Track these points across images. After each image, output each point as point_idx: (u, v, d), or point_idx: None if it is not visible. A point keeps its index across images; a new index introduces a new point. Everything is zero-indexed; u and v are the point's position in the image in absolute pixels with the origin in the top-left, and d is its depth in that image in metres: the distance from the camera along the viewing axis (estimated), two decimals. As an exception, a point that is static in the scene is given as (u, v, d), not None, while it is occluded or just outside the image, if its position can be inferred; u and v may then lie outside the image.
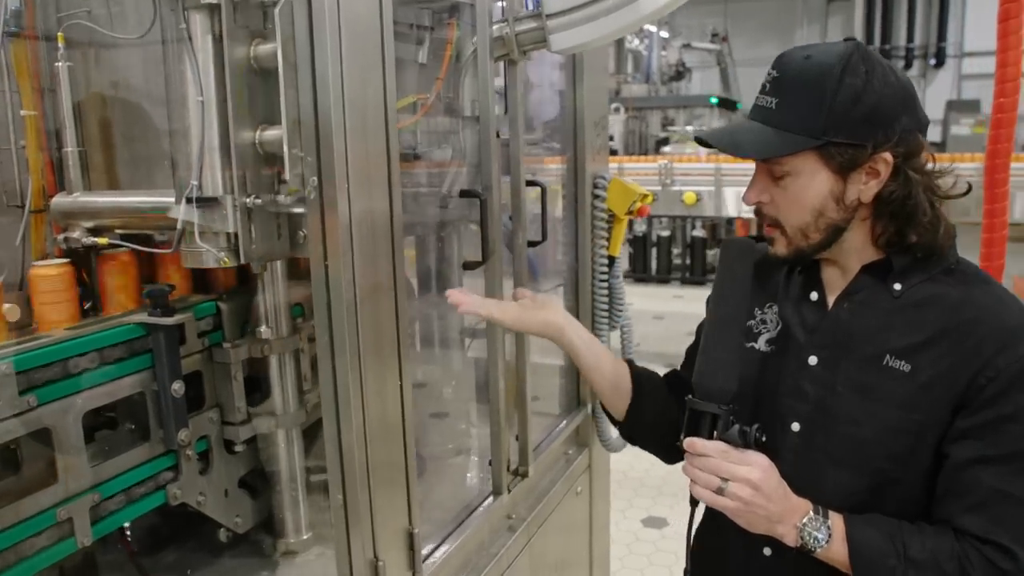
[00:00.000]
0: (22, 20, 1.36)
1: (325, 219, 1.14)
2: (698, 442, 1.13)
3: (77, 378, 1.26)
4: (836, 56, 1.16)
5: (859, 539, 1.14)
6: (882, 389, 1.18)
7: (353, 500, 1.22)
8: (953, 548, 1.12)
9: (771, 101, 1.18)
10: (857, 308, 1.24)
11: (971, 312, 1.17)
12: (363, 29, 1.16)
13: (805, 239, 1.22)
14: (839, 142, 1.15)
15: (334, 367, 1.18)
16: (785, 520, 1.14)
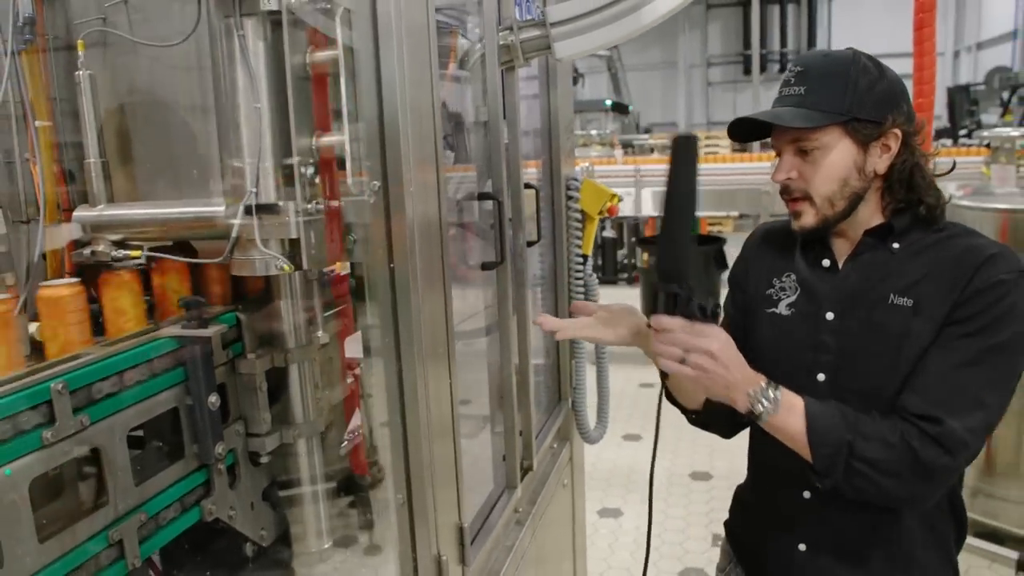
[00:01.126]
0: (34, 28, 1.30)
1: (391, 222, 1.16)
2: (663, 319, 1.27)
3: (123, 395, 1.23)
4: (848, 56, 1.39)
5: (815, 412, 1.31)
6: (892, 323, 1.35)
7: (420, 498, 1.24)
8: (896, 424, 1.30)
9: (800, 89, 1.38)
10: (863, 267, 1.42)
11: (958, 249, 1.36)
12: (419, 36, 1.19)
13: (831, 207, 1.39)
14: (862, 118, 1.34)
15: (400, 369, 1.20)
16: (739, 388, 1.30)
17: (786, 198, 1.44)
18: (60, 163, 1.38)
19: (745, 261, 1.65)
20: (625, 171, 6.05)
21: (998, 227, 3.48)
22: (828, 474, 1.30)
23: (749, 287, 1.59)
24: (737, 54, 20.75)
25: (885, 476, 1.29)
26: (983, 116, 11.99)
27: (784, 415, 1.31)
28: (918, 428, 1.28)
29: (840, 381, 1.40)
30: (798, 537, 1.47)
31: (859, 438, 1.29)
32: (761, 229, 1.69)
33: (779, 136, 1.41)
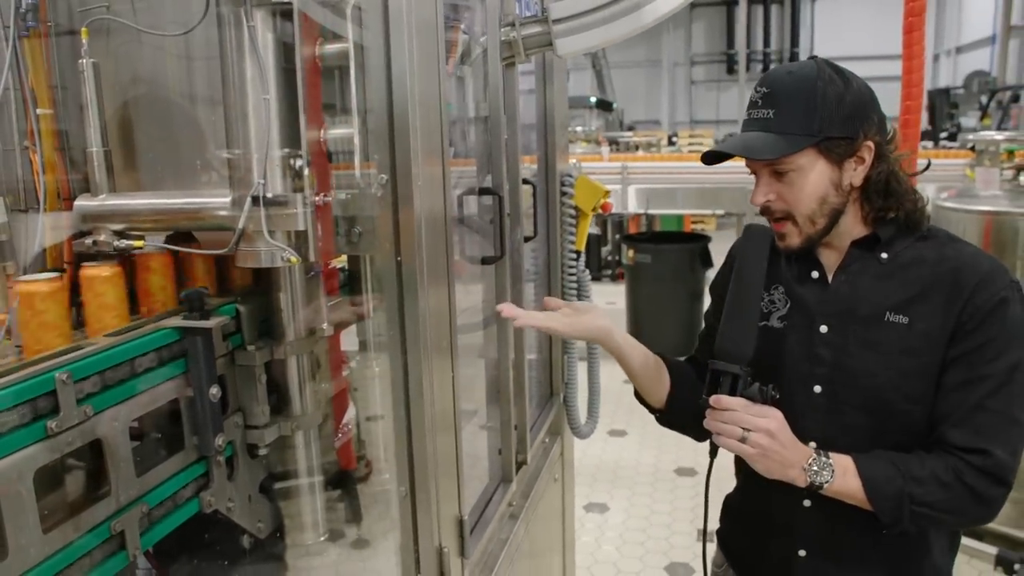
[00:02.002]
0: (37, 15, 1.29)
1: (400, 215, 1.16)
2: (723, 398, 1.32)
3: (125, 386, 1.22)
4: (812, 69, 1.38)
5: (868, 469, 1.34)
6: (888, 341, 1.38)
7: (423, 490, 1.25)
8: (947, 462, 1.33)
9: (768, 112, 1.38)
10: (853, 278, 1.44)
11: (951, 264, 1.38)
12: (428, 31, 1.19)
13: (813, 225, 1.41)
14: (833, 136, 1.35)
15: (405, 361, 1.21)
16: (795, 464, 1.33)
17: (768, 218, 1.45)
18: (61, 151, 1.37)
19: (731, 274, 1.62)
20: (612, 168, 6.10)
21: (982, 229, 3.53)
22: (896, 524, 1.34)
23: None
24: (720, 53, 20.86)
25: (946, 513, 1.35)
26: (962, 119, 12.16)
27: (840, 480, 1.34)
28: (967, 463, 1.32)
29: (838, 394, 1.42)
30: (798, 544, 1.49)
31: (914, 484, 1.32)
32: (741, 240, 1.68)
33: (752, 160, 1.42)
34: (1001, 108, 11.58)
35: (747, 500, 1.56)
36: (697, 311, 6.59)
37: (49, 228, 1.34)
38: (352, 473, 1.74)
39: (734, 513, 1.62)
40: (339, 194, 1.25)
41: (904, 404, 1.38)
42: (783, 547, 1.51)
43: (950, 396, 1.35)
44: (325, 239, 1.25)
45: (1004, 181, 3.67)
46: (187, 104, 1.32)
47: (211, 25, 1.26)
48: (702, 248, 6.65)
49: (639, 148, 10.34)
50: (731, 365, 1.34)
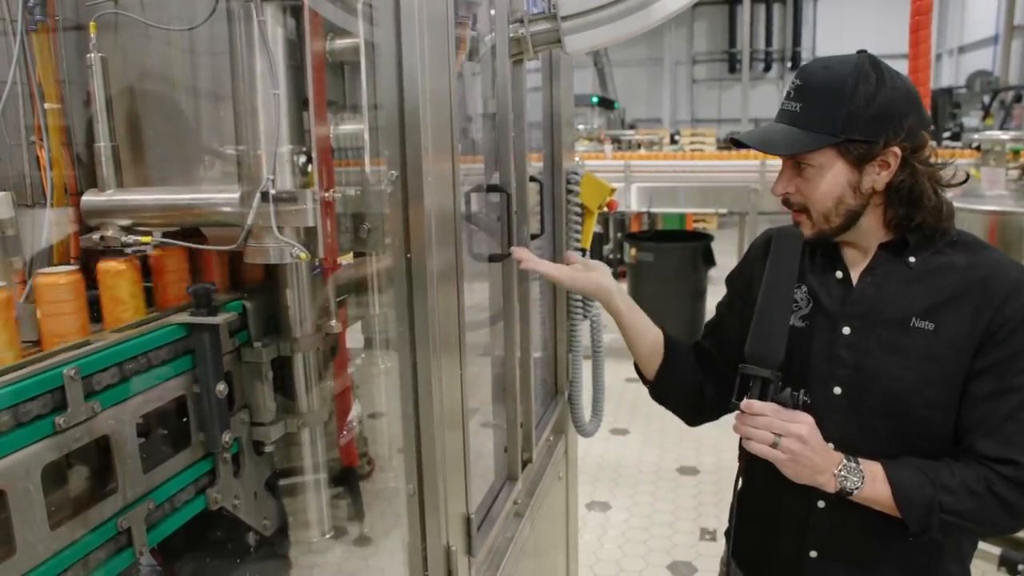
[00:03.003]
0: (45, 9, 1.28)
1: (410, 212, 1.16)
2: (755, 403, 1.30)
3: (132, 382, 1.22)
4: (851, 66, 1.34)
5: (898, 476, 1.33)
6: (913, 348, 1.36)
7: (431, 488, 1.25)
8: (978, 472, 1.32)
9: (796, 106, 1.36)
10: (880, 281, 1.42)
11: (980, 272, 1.37)
12: (439, 27, 1.19)
13: (827, 223, 1.40)
14: (855, 139, 1.32)
15: (415, 358, 1.20)
16: (825, 470, 1.31)
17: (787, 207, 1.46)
18: (68, 147, 1.37)
19: (751, 270, 1.63)
20: (615, 166, 6.10)
21: (987, 228, 3.53)
22: (924, 532, 1.33)
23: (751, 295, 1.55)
24: (722, 52, 20.84)
25: (975, 523, 1.35)
26: (965, 119, 12.14)
27: (870, 487, 1.33)
28: (997, 473, 1.31)
29: (859, 397, 1.40)
30: (810, 544, 1.47)
31: (944, 493, 1.31)
32: (763, 237, 1.67)
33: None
34: (1003, 108, 11.57)
35: (757, 500, 1.54)
36: (699, 309, 6.58)
37: (55, 224, 1.34)
38: (356, 470, 1.73)
39: (743, 512, 1.61)
40: (349, 190, 1.25)
41: (925, 410, 1.36)
42: (794, 547, 1.49)
43: (980, 406, 1.34)
44: (333, 235, 1.24)
45: (1009, 181, 3.66)
46: (195, 99, 1.31)
47: (219, 20, 1.26)
48: (704, 247, 6.64)
49: (641, 146, 10.32)
50: (762, 369, 1.32)
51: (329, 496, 1.64)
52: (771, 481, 1.38)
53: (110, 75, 1.31)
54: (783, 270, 1.37)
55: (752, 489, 1.54)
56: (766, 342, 1.33)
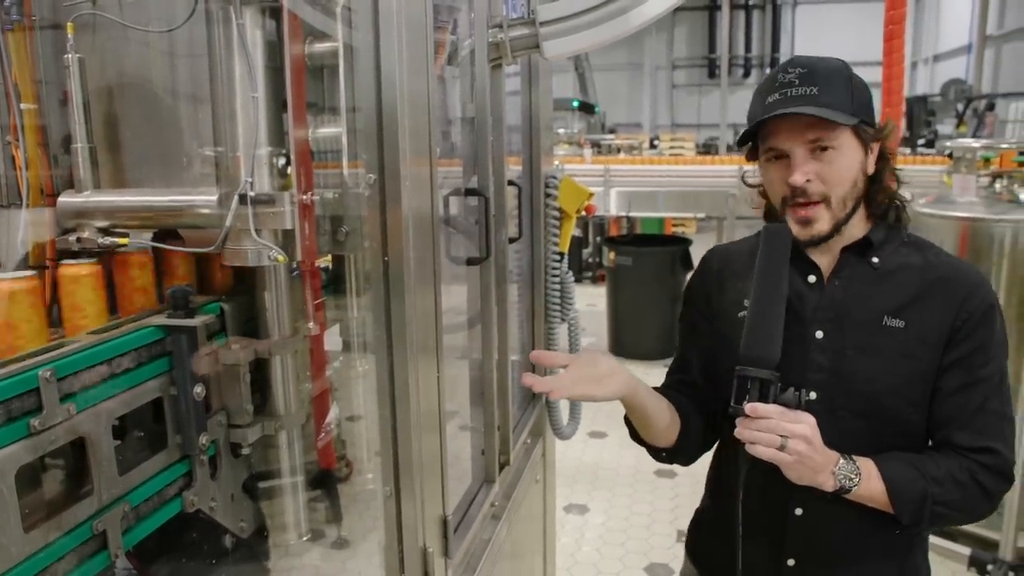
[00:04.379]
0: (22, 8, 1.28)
1: (387, 215, 1.17)
2: (759, 406, 1.28)
3: (108, 384, 1.21)
4: (838, 60, 1.41)
5: (891, 472, 1.35)
6: (886, 346, 1.39)
7: (408, 490, 1.25)
8: (960, 462, 1.37)
9: (811, 89, 1.35)
10: (847, 283, 1.44)
11: (937, 272, 1.42)
12: (418, 31, 1.19)
13: (844, 209, 1.40)
14: (865, 121, 1.37)
15: (392, 361, 1.21)
16: (825, 469, 1.32)
17: (799, 202, 1.39)
18: (45, 147, 1.36)
19: (706, 285, 1.63)
20: (594, 170, 6.13)
21: (958, 235, 3.59)
22: (916, 524, 1.37)
23: (717, 310, 1.58)
24: (702, 58, 21.00)
25: (961, 512, 1.40)
26: (939, 127, 12.32)
27: (866, 484, 1.34)
28: (978, 463, 1.36)
29: (836, 400, 1.40)
30: (787, 553, 1.47)
31: (934, 484, 1.35)
32: (716, 253, 1.67)
33: (792, 136, 1.37)
34: (976, 116, 11.76)
35: (727, 512, 1.51)
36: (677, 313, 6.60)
37: (32, 224, 1.33)
38: (334, 473, 1.73)
39: (709, 526, 1.61)
40: (327, 193, 1.25)
41: (901, 408, 1.39)
42: (770, 557, 1.49)
43: (951, 400, 1.38)
44: (311, 238, 1.24)
45: (980, 188, 3.73)
46: (173, 101, 1.31)
47: (198, 22, 1.26)
48: (683, 251, 6.69)
49: (621, 151, 10.38)
50: (762, 371, 1.30)
51: (306, 498, 1.64)
52: (746, 492, 1.40)
53: (88, 76, 1.30)
54: (774, 266, 1.35)
55: (718, 502, 1.54)
56: (762, 342, 1.31)
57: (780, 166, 1.41)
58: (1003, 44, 14.40)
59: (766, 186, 1.49)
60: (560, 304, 2.40)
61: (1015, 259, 3.48)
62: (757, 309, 1.34)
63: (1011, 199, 3.61)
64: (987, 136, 10.56)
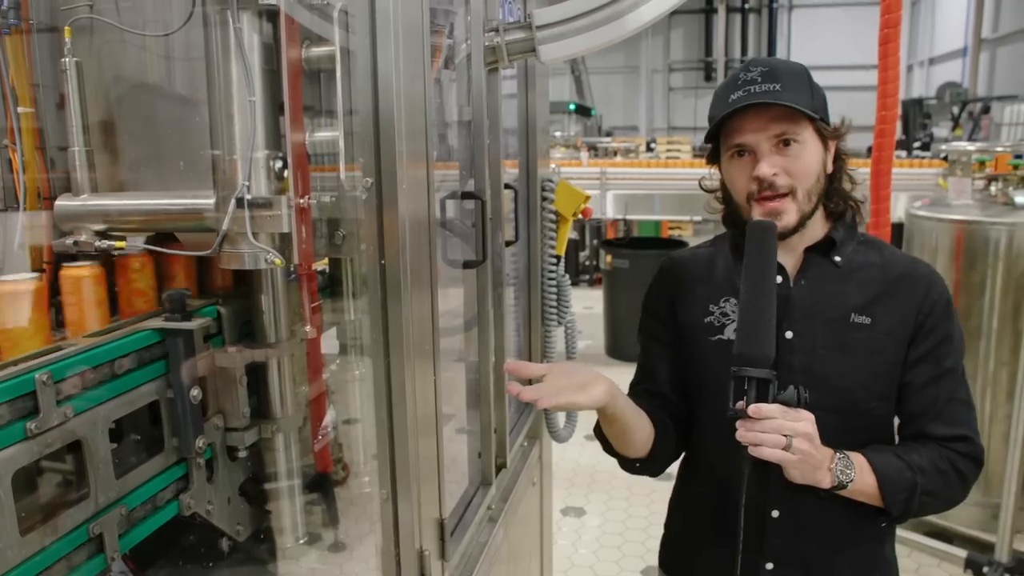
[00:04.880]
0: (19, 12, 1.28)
1: (384, 218, 1.17)
2: (763, 407, 1.26)
3: (106, 387, 1.22)
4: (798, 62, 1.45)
5: (882, 465, 1.37)
6: (855, 342, 1.41)
7: (404, 493, 1.25)
8: (940, 451, 1.41)
9: (774, 86, 1.36)
10: (814, 282, 1.45)
11: (896, 270, 1.46)
12: (414, 35, 1.20)
13: (809, 203, 1.41)
14: (823, 119, 1.39)
15: (388, 364, 1.21)
16: (823, 466, 1.33)
17: (766, 195, 1.38)
18: (42, 150, 1.36)
19: (668, 294, 1.62)
20: (591, 173, 6.15)
21: (954, 238, 3.60)
22: (904, 515, 1.40)
23: (682, 319, 1.57)
24: (699, 61, 21.04)
25: (942, 500, 1.43)
26: (935, 130, 12.35)
27: (859, 478, 1.35)
28: (955, 451, 1.41)
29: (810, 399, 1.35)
30: (765, 557, 1.46)
31: (920, 474, 1.38)
32: (675, 261, 1.66)
33: (757, 130, 1.37)
34: (972, 119, 11.80)
35: (700, 520, 1.53)
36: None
37: (29, 228, 1.33)
38: (331, 476, 1.73)
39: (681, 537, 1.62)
40: (323, 197, 1.25)
41: (873, 402, 1.42)
42: (747, 562, 1.43)
43: (923, 393, 1.42)
44: (308, 241, 1.24)
45: (976, 191, 3.74)
46: (170, 104, 1.31)
47: (195, 26, 1.26)
48: (679, 254, 6.66)
49: (618, 154, 10.39)
50: (760, 371, 1.27)
51: (303, 502, 1.64)
52: (723, 494, 1.41)
53: (85, 79, 1.30)
54: (762, 262, 1.31)
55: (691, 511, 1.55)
56: (757, 340, 1.27)
57: (745, 162, 1.40)
58: (998, 47, 14.45)
59: (729, 184, 1.48)
60: (557, 307, 2.40)
61: (1010, 262, 3.49)
62: (749, 307, 1.31)
63: (1006, 202, 3.62)
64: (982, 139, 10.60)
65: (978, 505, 3.68)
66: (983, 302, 3.56)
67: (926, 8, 17.82)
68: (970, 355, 3.62)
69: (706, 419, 1.56)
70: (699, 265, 1.60)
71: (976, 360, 3.61)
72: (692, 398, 1.60)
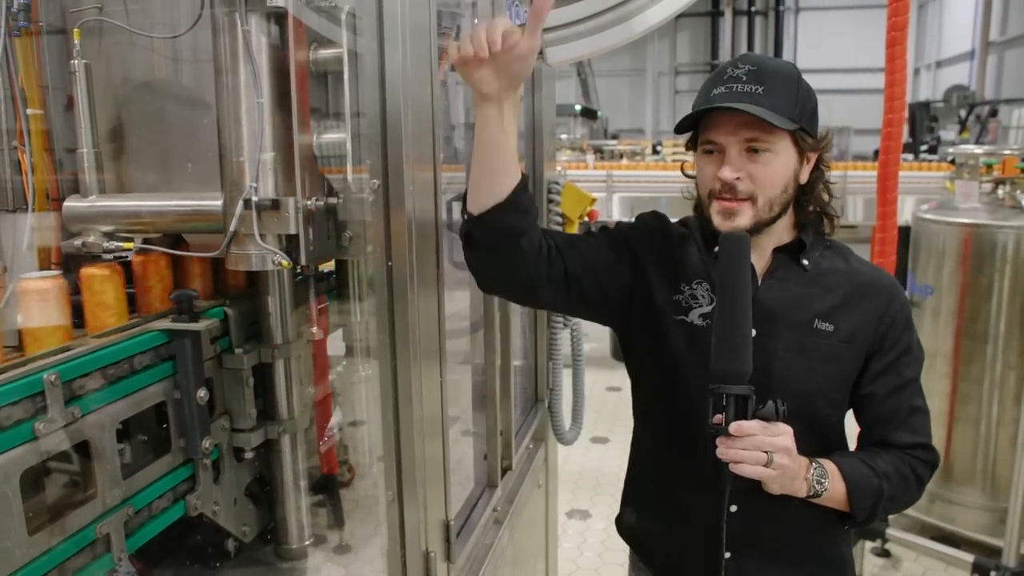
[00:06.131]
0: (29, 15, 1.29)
1: (391, 220, 1.17)
2: (744, 424, 1.24)
3: (113, 388, 1.22)
4: (789, 63, 1.42)
5: (851, 472, 1.38)
6: (817, 348, 1.41)
7: (410, 494, 1.25)
8: (902, 458, 1.43)
9: (756, 88, 1.32)
10: (780, 284, 1.44)
11: (861, 278, 1.46)
12: (422, 37, 1.20)
13: (769, 211, 1.38)
14: (805, 130, 1.35)
15: (395, 366, 1.21)
16: (799, 476, 1.32)
17: (723, 196, 1.35)
18: (51, 152, 1.37)
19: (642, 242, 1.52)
20: (597, 176, 6.15)
21: (961, 241, 3.58)
22: (868, 520, 1.41)
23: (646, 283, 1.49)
24: (705, 63, 21.01)
25: (902, 504, 1.48)
26: (942, 133, 12.32)
27: (831, 485, 1.35)
28: (916, 458, 1.44)
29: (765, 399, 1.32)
30: (725, 546, 1.45)
31: (885, 480, 1.39)
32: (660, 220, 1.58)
33: (729, 132, 1.33)
34: (979, 122, 11.75)
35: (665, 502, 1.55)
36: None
37: (38, 229, 1.33)
38: (337, 478, 1.74)
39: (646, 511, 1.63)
40: (331, 198, 1.26)
41: (827, 409, 1.43)
42: (707, 551, 1.47)
43: (886, 403, 1.43)
44: (315, 243, 1.25)
45: (983, 194, 3.73)
46: (178, 106, 1.32)
47: (203, 28, 1.26)
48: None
49: (624, 156, 10.39)
50: (739, 387, 1.25)
51: (309, 503, 1.64)
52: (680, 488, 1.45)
53: (94, 81, 1.31)
54: (737, 275, 1.28)
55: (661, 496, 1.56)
56: (735, 356, 1.25)
57: (714, 160, 1.37)
58: (1006, 50, 14.40)
59: (698, 177, 1.45)
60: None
61: (1017, 265, 3.47)
62: (724, 320, 1.27)
63: (1014, 205, 3.60)
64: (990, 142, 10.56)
65: (985, 509, 3.66)
66: (990, 306, 3.54)
67: (933, 11, 17.78)
68: (977, 359, 3.61)
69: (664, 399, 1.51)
70: (673, 242, 1.53)
71: (983, 364, 3.59)
72: (642, 369, 1.58)
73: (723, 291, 1.30)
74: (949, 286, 3.65)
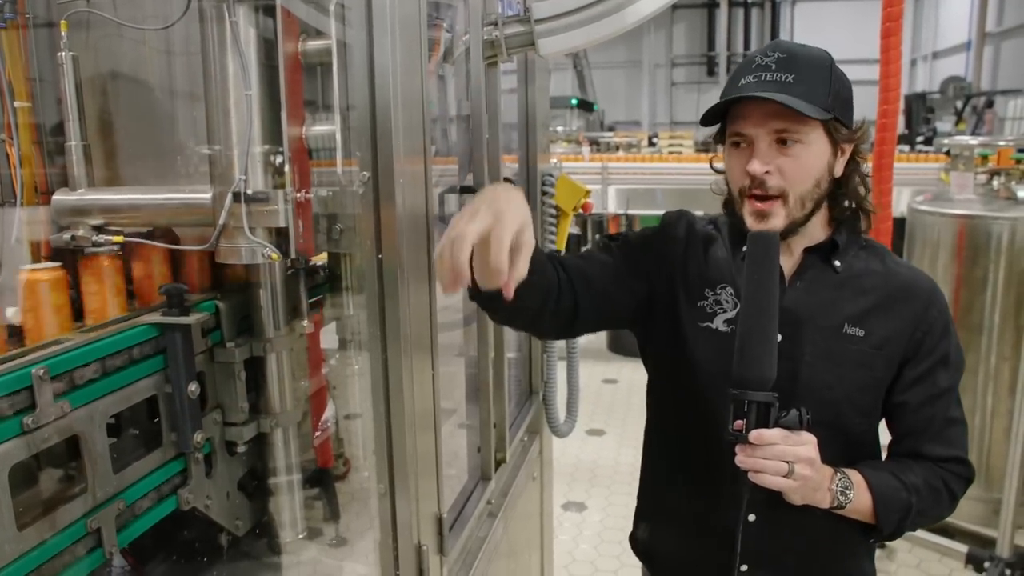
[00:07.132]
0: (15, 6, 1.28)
1: (381, 212, 1.17)
2: (765, 432, 1.20)
3: (103, 382, 1.21)
4: (822, 51, 1.34)
5: (878, 484, 1.33)
6: (845, 354, 1.34)
7: (402, 488, 1.25)
8: (933, 471, 1.37)
9: (787, 76, 1.26)
10: (809, 286, 1.38)
11: (898, 280, 1.39)
12: (411, 28, 1.19)
13: (802, 208, 1.31)
14: (839, 120, 1.29)
15: (386, 359, 1.21)
16: (822, 487, 1.28)
17: (755, 193, 1.30)
18: (39, 145, 1.36)
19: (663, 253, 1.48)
20: (592, 168, 6.14)
21: (956, 232, 3.59)
22: (895, 534, 1.37)
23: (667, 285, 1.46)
24: (701, 55, 20.97)
25: (932, 518, 1.42)
26: (938, 124, 12.31)
27: (857, 496, 1.31)
28: (950, 472, 1.38)
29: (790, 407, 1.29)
30: (741, 558, 1.41)
31: (915, 494, 1.34)
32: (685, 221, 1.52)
33: (758, 123, 1.27)
34: (975, 113, 11.75)
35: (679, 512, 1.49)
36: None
37: (26, 223, 1.33)
38: (330, 471, 1.73)
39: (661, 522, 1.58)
40: (321, 191, 1.25)
41: (855, 418, 1.37)
42: (723, 561, 1.42)
43: (920, 412, 1.37)
44: (306, 236, 1.24)
45: (978, 185, 3.73)
46: (168, 99, 1.31)
47: (193, 20, 1.25)
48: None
49: (620, 149, 10.36)
50: (762, 394, 1.20)
51: (303, 497, 1.64)
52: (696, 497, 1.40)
53: (82, 73, 1.30)
54: (763, 277, 1.23)
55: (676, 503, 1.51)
56: (758, 362, 1.20)
57: (743, 153, 1.31)
58: (1002, 41, 14.38)
59: (727, 172, 1.39)
60: (557, 302, 2.40)
61: (1012, 256, 3.48)
62: (749, 325, 1.23)
63: (1009, 196, 3.61)
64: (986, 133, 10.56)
65: (979, 500, 3.67)
66: (985, 297, 3.55)
67: (930, 2, 17.75)
68: (972, 350, 3.61)
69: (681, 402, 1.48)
70: (700, 244, 1.48)
71: (978, 355, 3.60)
72: (662, 374, 1.54)
73: (749, 294, 1.26)
74: (944, 277, 3.66)
